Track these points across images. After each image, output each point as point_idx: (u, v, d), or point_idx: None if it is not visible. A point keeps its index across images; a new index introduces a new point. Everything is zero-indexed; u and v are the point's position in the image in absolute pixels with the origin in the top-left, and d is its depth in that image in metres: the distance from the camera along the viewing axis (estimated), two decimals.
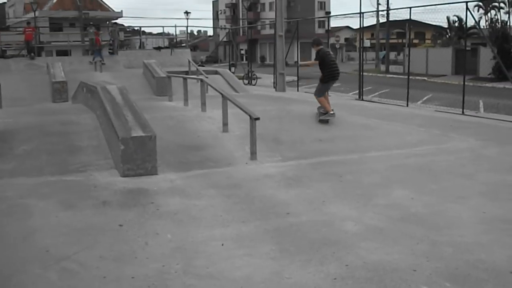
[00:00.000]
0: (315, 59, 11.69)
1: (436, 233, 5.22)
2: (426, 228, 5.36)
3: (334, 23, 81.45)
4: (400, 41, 56.18)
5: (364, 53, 25.83)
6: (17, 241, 5.12)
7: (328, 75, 11.61)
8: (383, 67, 49.08)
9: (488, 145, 9.74)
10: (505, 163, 8.36)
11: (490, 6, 48.86)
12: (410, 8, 16.55)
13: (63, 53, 34.67)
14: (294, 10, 69.48)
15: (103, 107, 9.51)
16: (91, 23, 31.64)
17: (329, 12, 72.51)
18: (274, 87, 22.62)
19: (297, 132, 10.77)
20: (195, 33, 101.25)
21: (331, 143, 10.00)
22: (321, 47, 11.75)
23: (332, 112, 11.54)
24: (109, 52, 26.67)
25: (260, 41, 74.12)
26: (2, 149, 8.88)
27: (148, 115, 9.19)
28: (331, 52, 12.20)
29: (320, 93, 11.77)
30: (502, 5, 49.06)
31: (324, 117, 11.59)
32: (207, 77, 16.84)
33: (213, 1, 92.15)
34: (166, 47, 29.90)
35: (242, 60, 55.23)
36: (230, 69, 28.36)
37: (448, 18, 50.53)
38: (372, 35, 58.72)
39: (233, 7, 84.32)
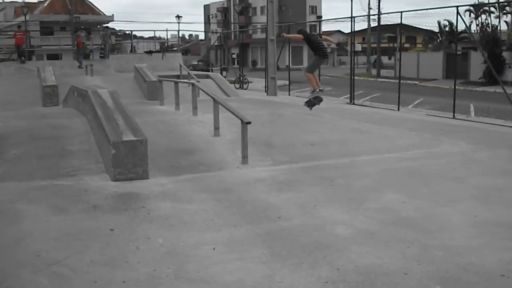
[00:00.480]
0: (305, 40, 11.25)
1: (427, 236, 5.24)
2: (417, 231, 5.37)
3: (325, 27, 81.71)
4: (391, 45, 56.41)
5: (355, 57, 25.91)
6: (7, 245, 5.09)
7: (319, 53, 11.05)
8: (374, 71, 49.26)
9: (479, 149, 9.78)
10: (496, 166, 8.40)
11: (481, 10, 49.04)
12: (401, 12, 16.61)
13: (54, 57, 34.49)
14: (285, 14, 69.68)
15: (94, 111, 9.48)
16: (82, 27, 31.48)
17: (321, 17, 72.72)
18: (265, 91, 22.71)
19: (288, 136, 10.78)
20: (187, 37, 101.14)
21: (323, 147, 10.01)
22: (305, 34, 11.31)
23: (319, 90, 11.12)
24: (100, 56, 26.58)
25: (251, 45, 74.26)
26: None
27: (139, 119, 9.18)
28: (315, 33, 11.83)
29: (310, 69, 11.27)
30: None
31: (312, 95, 11.23)
32: (198, 81, 16.89)
33: (204, 5, 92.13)
34: (158, 51, 29.84)
35: (234, 64, 55.37)
36: (221, 73, 28.37)
37: (439, 22, 50.76)
38: (363, 39, 58.89)
39: (225, 11, 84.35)
